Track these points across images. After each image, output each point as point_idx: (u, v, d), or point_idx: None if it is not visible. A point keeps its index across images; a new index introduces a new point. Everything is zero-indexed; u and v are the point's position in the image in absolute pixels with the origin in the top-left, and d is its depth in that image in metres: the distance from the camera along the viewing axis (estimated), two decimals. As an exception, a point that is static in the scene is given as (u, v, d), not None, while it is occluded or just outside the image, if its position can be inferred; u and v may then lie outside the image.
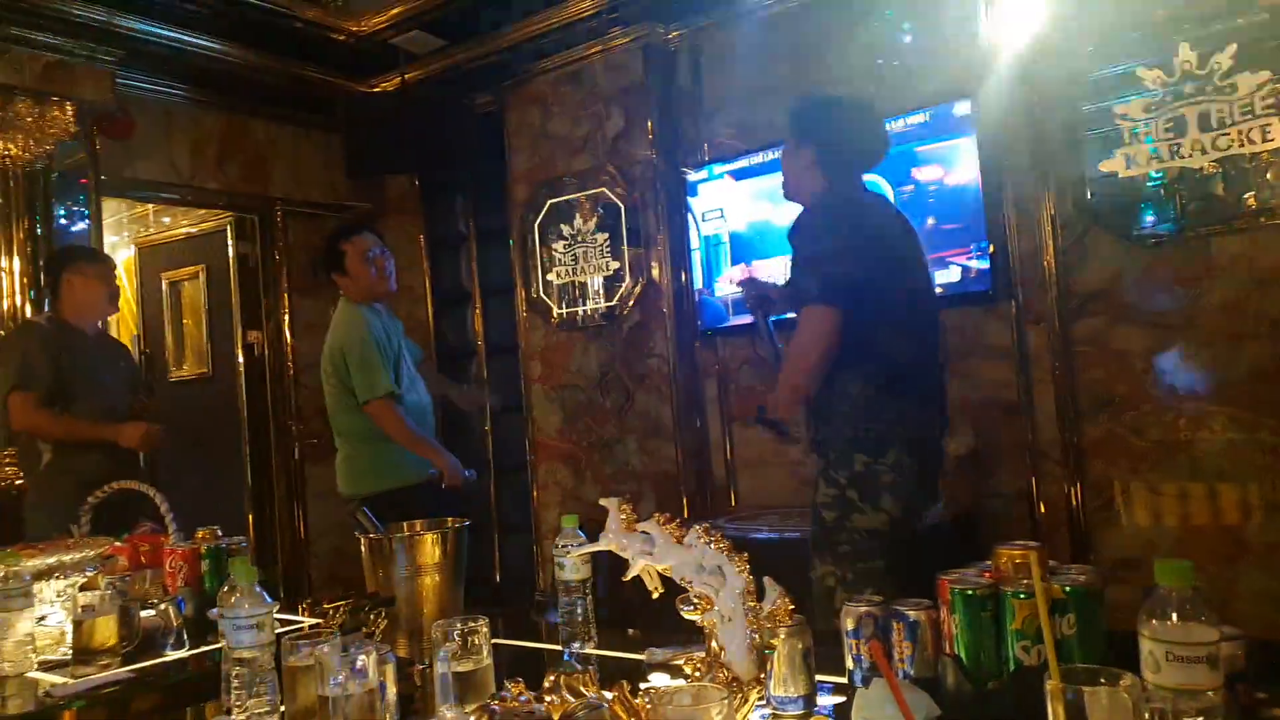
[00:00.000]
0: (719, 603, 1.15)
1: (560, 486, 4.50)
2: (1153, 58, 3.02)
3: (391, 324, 3.24)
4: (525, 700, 1.09)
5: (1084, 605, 1.05)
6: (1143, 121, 3.04)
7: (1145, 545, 3.04)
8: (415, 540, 1.60)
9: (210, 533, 1.88)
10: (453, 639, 1.22)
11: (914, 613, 1.20)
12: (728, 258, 4.00)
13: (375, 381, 3.00)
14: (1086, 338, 3.16)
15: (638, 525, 1.30)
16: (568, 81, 4.44)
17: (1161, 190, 3.02)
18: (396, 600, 1.52)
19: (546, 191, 4.51)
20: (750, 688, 1.10)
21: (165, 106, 4.38)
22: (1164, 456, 3.05)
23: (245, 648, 1.18)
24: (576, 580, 1.59)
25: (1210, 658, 0.80)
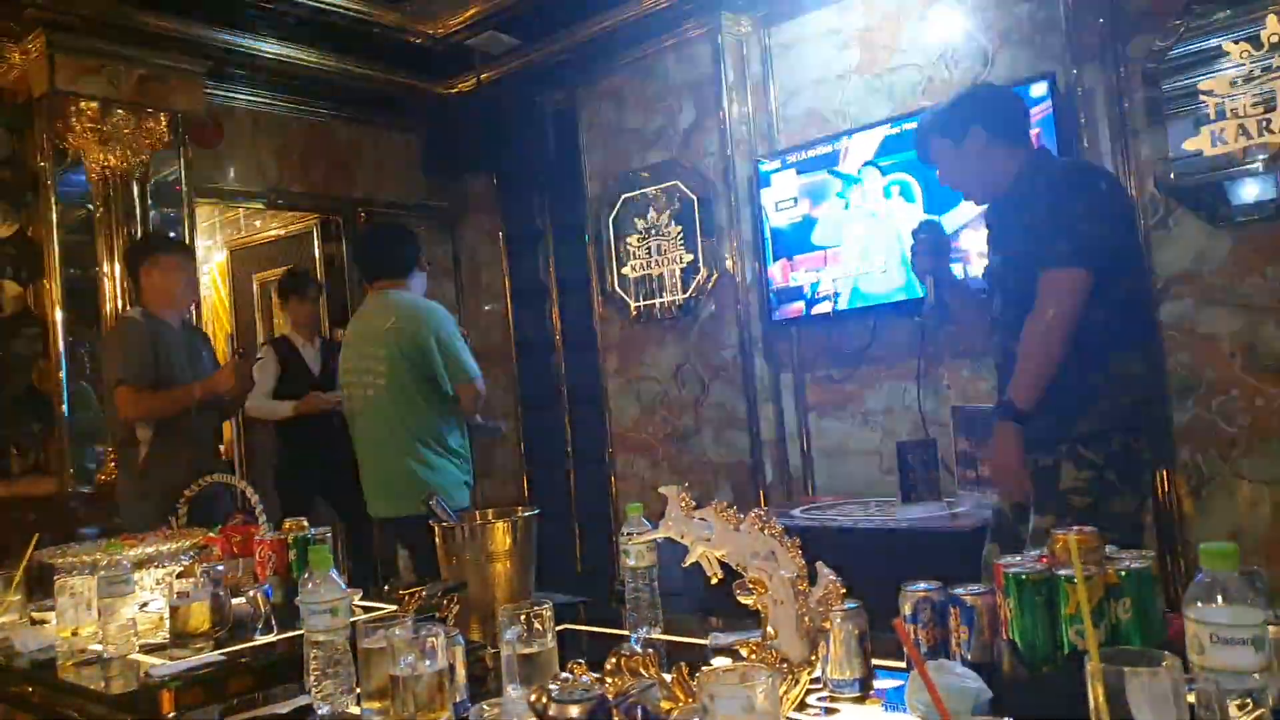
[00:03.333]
0: (771, 587, 1.17)
1: (638, 478, 4.55)
2: (1239, 31, 2.90)
3: None
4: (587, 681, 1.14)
5: (1139, 589, 1.04)
6: (1229, 97, 2.92)
7: (1234, 532, 2.93)
8: (486, 528, 1.66)
9: (298, 524, 1.98)
10: (518, 623, 1.27)
11: (970, 598, 1.20)
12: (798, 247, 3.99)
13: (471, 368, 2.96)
14: (1172, 321, 3.06)
15: (696, 513, 1.33)
16: (639, 75, 4.47)
17: (1250, 168, 2.90)
18: (468, 587, 1.58)
19: (620, 186, 4.56)
20: (800, 669, 1.12)
21: (252, 114, 4.59)
22: (1254, 442, 2.93)
23: (321, 631, 1.25)
24: (642, 567, 1.63)
25: (1256, 640, 0.79)
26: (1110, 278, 2.00)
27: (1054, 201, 2.04)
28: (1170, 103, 3.04)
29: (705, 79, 4.22)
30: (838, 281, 3.80)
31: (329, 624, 1.26)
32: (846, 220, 3.79)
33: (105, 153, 3.81)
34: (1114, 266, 2.01)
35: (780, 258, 4.01)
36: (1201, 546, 0.84)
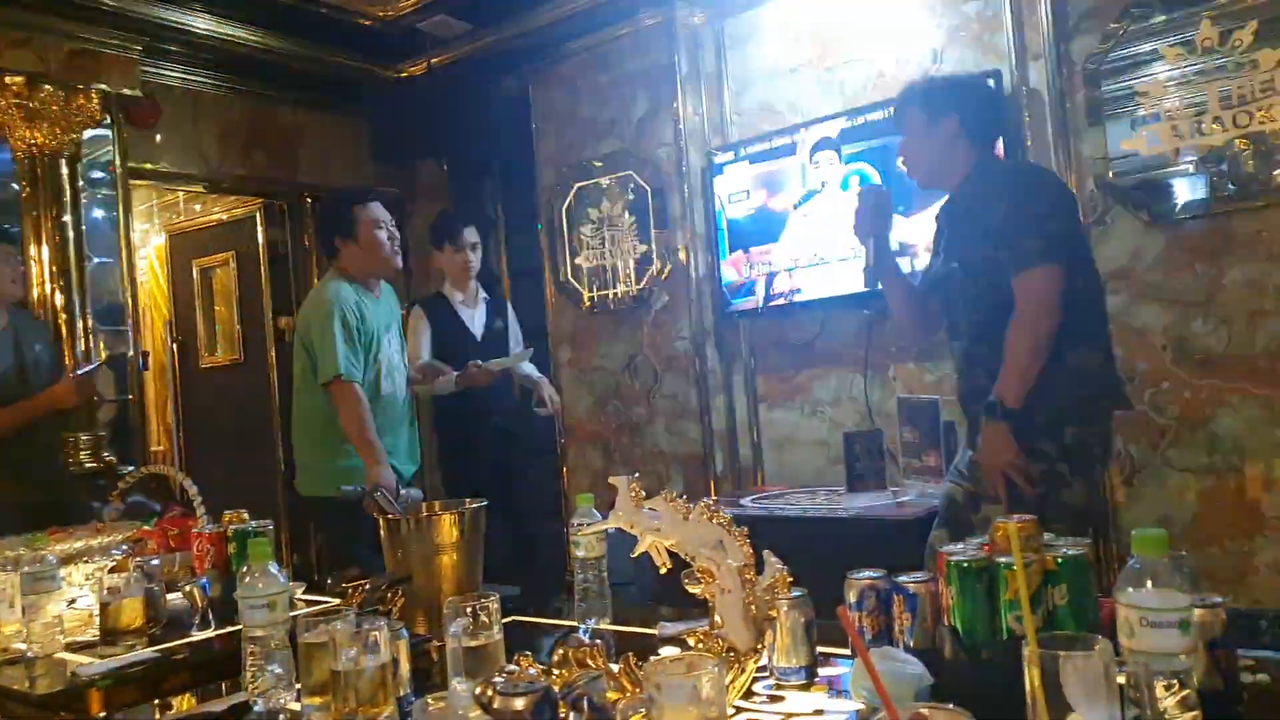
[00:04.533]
0: (719, 577, 1.18)
1: (590, 468, 4.55)
2: (1174, 35, 2.98)
3: (381, 306, 3.03)
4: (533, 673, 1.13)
5: (1075, 576, 1.07)
6: (1164, 99, 3.00)
7: (1165, 521, 3.03)
8: (433, 521, 1.64)
9: (237, 516, 1.93)
10: (464, 615, 1.26)
11: (914, 585, 1.22)
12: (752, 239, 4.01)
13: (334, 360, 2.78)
14: (1109, 315, 3.13)
15: (646, 503, 1.33)
16: (593, 64, 4.45)
17: (1182, 168, 2.99)
18: (414, 579, 1.56)
19: (574, 175, 4.54)
20: (747, 658, 1.13)
21: (192, 94, 4.46)
22: (1182, 433, 3.03)
23: (259, 626, 1.23)
24: (591, 557, 1.63)
25: (1183, 623, 0.81)
26: (1069, 275, 2.04)
27: (1016, 202, 2.06)
28: (1109, 103, 3.12)
29: (659, 69, 4.22)
30: (790, 274, 3.83)
31: (267, 618, 1.24)
32: (799, 213, 3.82)
33: (32, 130, 3.65)
34: (1071, 264, 2.06)
35: (734, 250, 4.02)
36: (1133, 533, 0.87)
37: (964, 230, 2.16)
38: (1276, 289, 2.88)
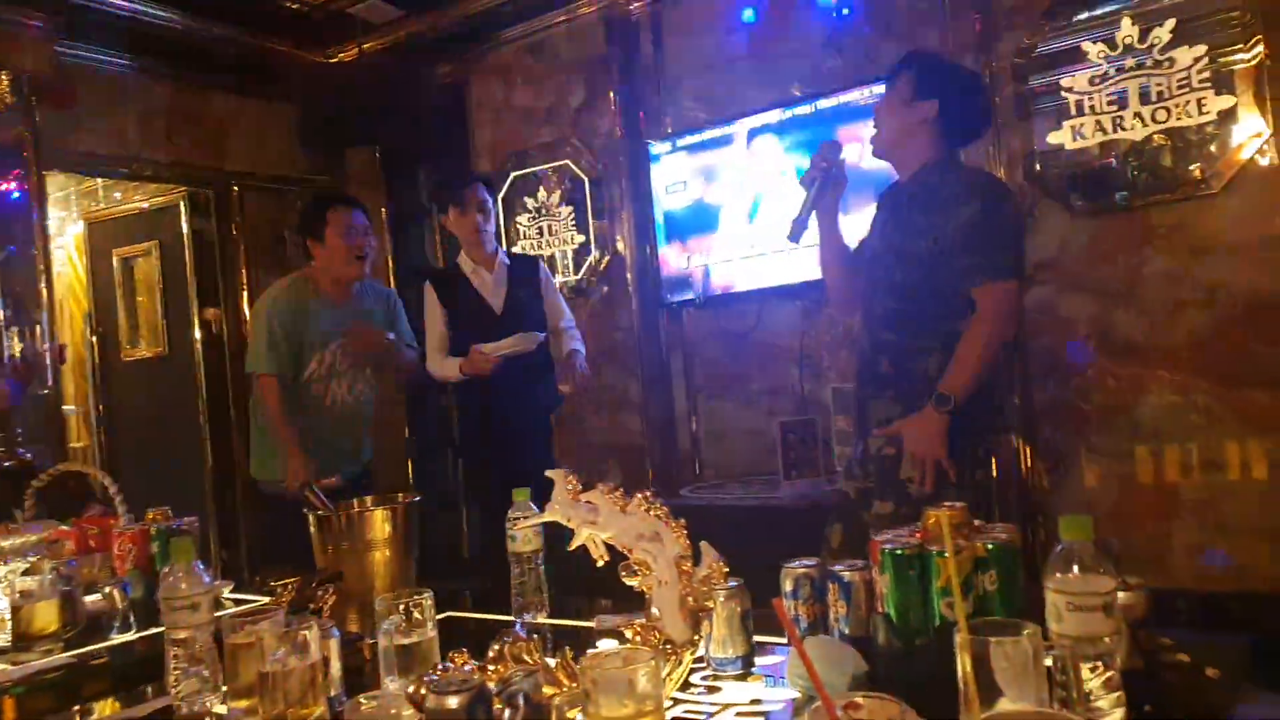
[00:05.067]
0: (656, 569, 1.17)
1: (525, 461, 4.51)
2: (1097, 32, 3.06)
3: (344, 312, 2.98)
4: (468, 670, 1.11)
5: (1004, 562, 1.09)
6: (1088, 95, 3.08)
7: (1090, 504, 3.12)
8: (365, 516, 1.61)
9: (161, 514, 1.87)
10: (397, 612, 1.24)
11: (848, 574, 1.23)
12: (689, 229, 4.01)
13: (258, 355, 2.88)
14: (1036, 306, 3.22)
15: (582, 495, 1.32)
16: (530, 53, 4.41)
17: (1105, 162, 3.08)
18: (345, 577, 1.53)
19: (510, 164, 4.50)
20: (684, 649, 1.12)
21: (111, 76, 4.28)
22: (1105, 420, 3.13)
23: (182, 627, 1.19)
24: (527, 551, 1.62)
25: (1107, 606, 0.83)
26: None
27: (987, 211, 2.07)
28: (1036, 98, 3.19)
29: (596, 59, 4.19)
30: (727, 264, 3.85)
31: (191, 620, 1.20)
32: (735, 203, 3.83)
33: (-65, 112, 3.49)
34: None
35: (672, 241, 4.03)
36: (1061, 519, 0.88)
37: (907, 219, 2.16)
38: (1194, 280, 2.98)
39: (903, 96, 2.18)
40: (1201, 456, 2.98)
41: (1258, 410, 2.91)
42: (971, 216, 2.05)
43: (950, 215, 2.07)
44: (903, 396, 2.12)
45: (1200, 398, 2.97)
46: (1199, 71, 2.91)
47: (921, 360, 2.11)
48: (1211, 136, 2.92)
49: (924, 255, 2.09)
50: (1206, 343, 2.96)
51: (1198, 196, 2.96)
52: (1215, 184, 2.92)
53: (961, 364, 2.04)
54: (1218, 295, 2.95)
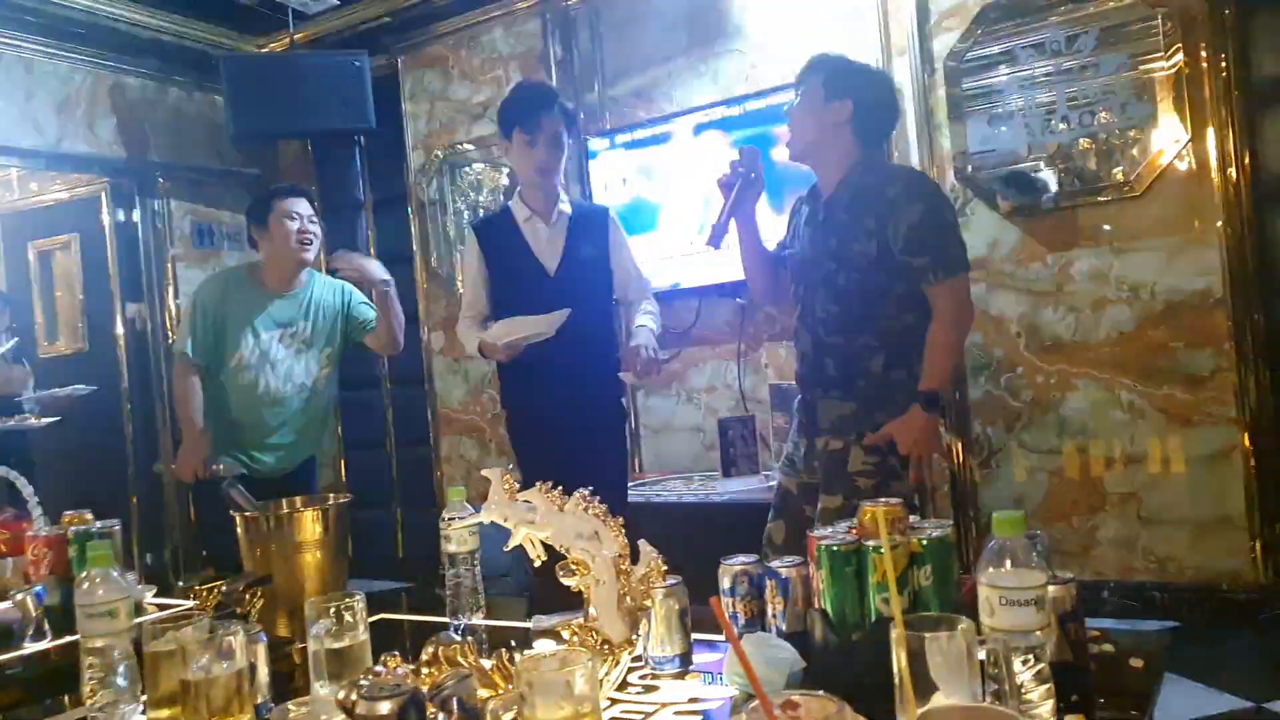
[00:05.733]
0: (594, 568, 1.16)
1: (464, 459, 4.47)
2: (1028, 37, 3.14)
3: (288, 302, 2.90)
4: (402, 674, 1.09)
5: (939, 557, 1.10)
6: (1017, 97, 3.16)
7: (1019, 499, 3.20)
8: (294, 517, 1.56)
9: (79, 517, 1.79)
10: (327, 616, 1.21)
11: (786, 570, 1.24)
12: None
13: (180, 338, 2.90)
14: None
15: (520, 495, 1.30)
16: (466, 45, 4.36)
17: (1034, 164, 3.16)
18: (273, 579, 1.49)
19: (446, 157, 4.44)
20: (621, 649, 1.12)
21: (25, 60, 4.11)
22: (1034, 416, 3.21)
23: (99, 635, 1.14)
24: (463, 552, 1.59)
25: (1038, 600, 0.85)
26: None
27: (930, 209, 2.11)
28: (968, 100, 3.26)
29: (534, 53, 4.16)
30: (667, 261, 3.84)
31: (108, 627, 1.15)
32: (674, 200, 3.84)
33: None
34: None
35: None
36: (994, 516, 0.89)
37: (846, 222, 2.17)
38: (1117, 279, 3.08)
39: (815, 100, 2.19)
40: (1124, 451, 3.08)
41: (1177, 406, 3.02)
42: (916, 217, 2.08)
43: (893, 216, 2.09)
44: (851, 395, 2.15)
45: (1124, 394, 3.07)
46: (1122, 77, 3.00)
47: (867, 359, 2.14)
48: (1133, 141, 3.01)
49: (867, 258, 2.12)
50: (1129, 340, 3.07)
51: (1120, 198, 3.05)
52: (1137, 186, 3.02)
53: (936, 361, 2.10)
54: (1140, 294, 3.05)
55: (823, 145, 2.21)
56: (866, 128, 2.20)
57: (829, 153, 2.21)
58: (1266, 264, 2.93)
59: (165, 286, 4.64)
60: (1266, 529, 2.93)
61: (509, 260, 2.59)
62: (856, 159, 2.19)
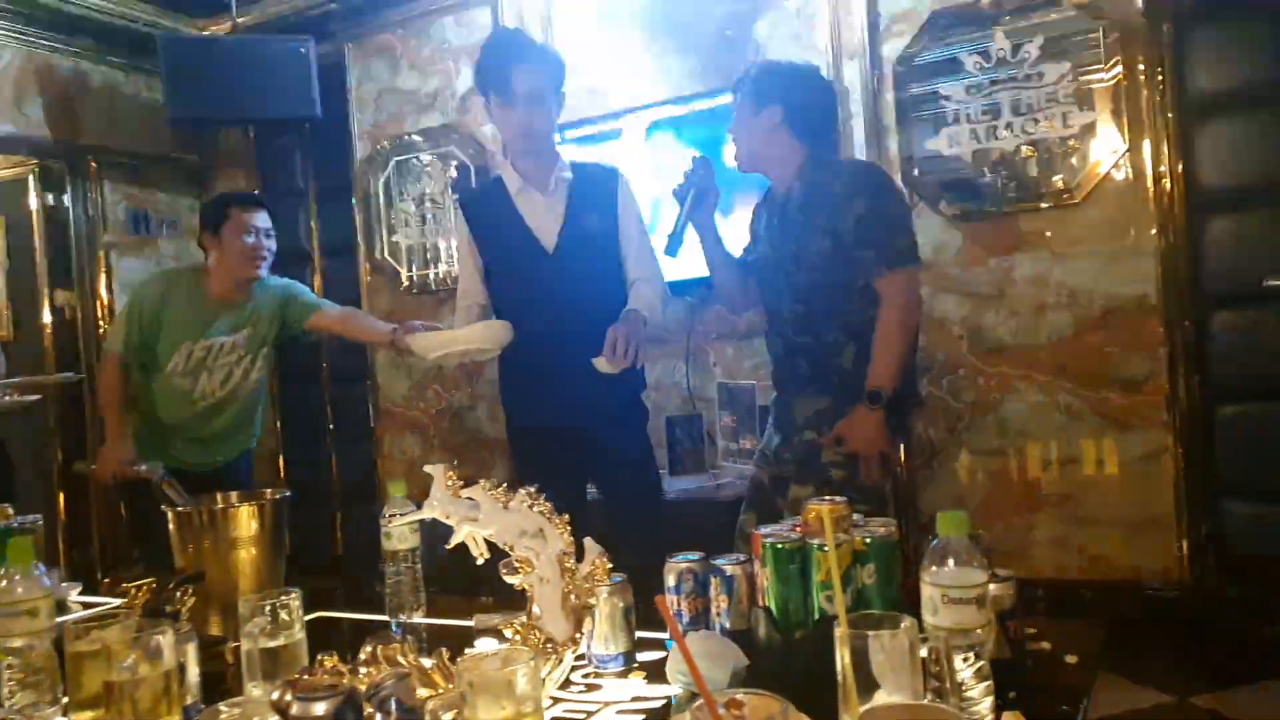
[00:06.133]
0: (539, 566, 1.15)
1: (406, 456, 4.40)
2: (974, 44, 3.20)
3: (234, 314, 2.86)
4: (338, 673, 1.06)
5: (882, 555, 1.11)
6: (964, 104, 3.21)
7: (959, 499, 3.26)
8: (228, 513, 1.52)
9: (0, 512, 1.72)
10: (262, 614, 1.17)
11: (730, 567, 1.24)
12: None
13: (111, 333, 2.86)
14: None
15: (463, 491, 1.28)
16: (414, 35, 4.29)
17: (978, 169, 3.21)
18: (206, 577, 1.44)
19: (393, 148, 4.37)
20: (565, 647, 1.10)
21: (-50, 39, 3.95)
22: (975, 417, 3.27)
23: (17, 635, 1.09)
24: (403, 549, 1.56)
25: (979, 599, 0.86)
26: None
27: (877, 203, 2.12)
28: (916, 105, 3.30)
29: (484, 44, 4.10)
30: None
31: (28, 626, 1.11)
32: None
33: None
34: None
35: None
36: (938, 515, 0.90)
37: (800, 221, 2.19)
38: (1058, 284, 3.15)
39: (747, 110, 2.23)
40: (1062, 453, 3.15)
41: (1112, 409, 3.09)
42: (863, 208, 2.10)
43: (842, 211, 2.11)
44: (825, 392, 2.18)
45: (1062, 397, 3.14)
46: (1064, 87, 3.07)
47: (836, 355, 2.17)
48: (1073, 150, 3.08)
49: (823, 255, 2.13)
50: (1067, 345, 3.14)
51: (1060, 206, 3.12)
52: (1077, 194, 3.09)
53: (881, 357, 2.09)
54: (1078, 299, 3.13)
55: (766, 153, 2.24)
56: (803, 127, 2.21)
57: (774, 158, 2.23)
58: (1198, 273, 3.02)
59: (97, 275, 4.49)
60: (1193, 530, 3.02)
61: (501, 238, 2.25)
62: (803, 158, 2.21)
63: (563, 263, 2.23)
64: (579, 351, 2.11)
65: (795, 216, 2.20)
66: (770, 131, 2.20)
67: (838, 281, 2.13)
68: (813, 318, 2.18)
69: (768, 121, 2.19)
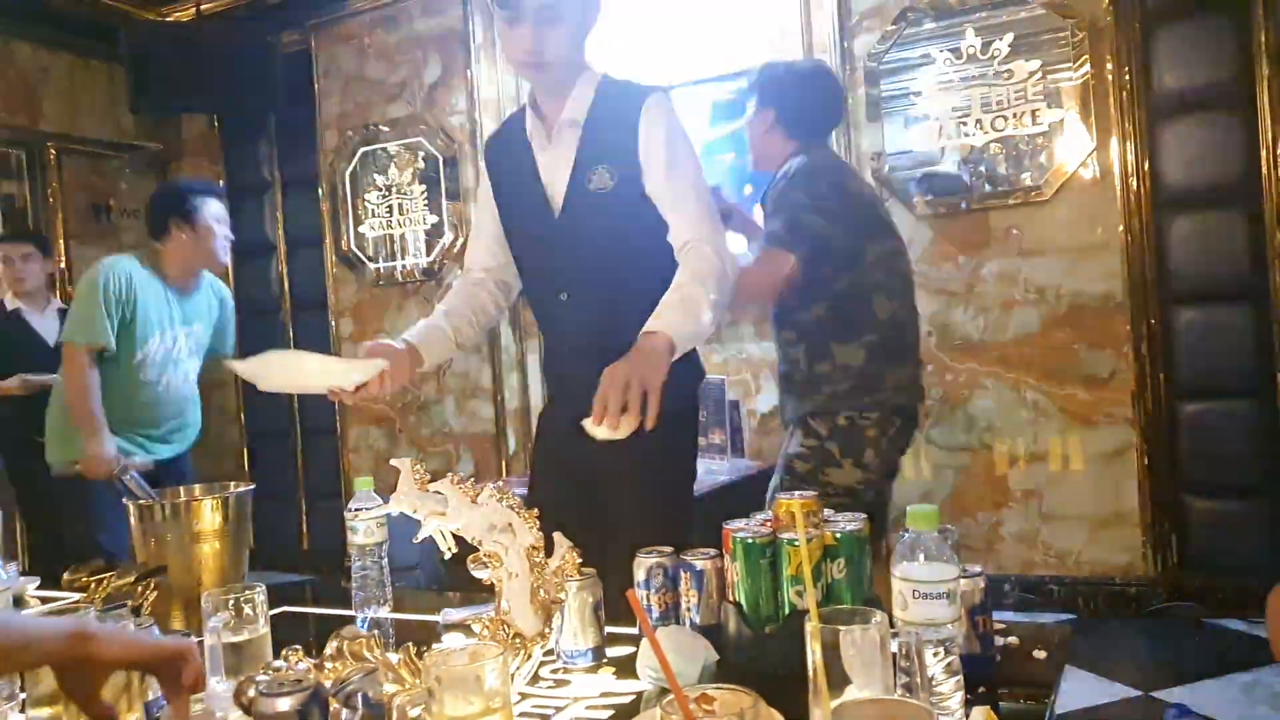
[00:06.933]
0: (507, 561, 1.13)
1: (372, 450, 4.37)
2: (944, 41, 3.21)
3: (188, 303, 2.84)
4: (304, 668, 1.04)
5: (852, 550, 1.11)
6: (934, 100, 3.23)
7: (927, 494, 3.28)
8: (191, 506, 1.49)
9: (-47, 503, 1.68)
10: (225, 608, 1.15)
11: (700, 562, 1.23)
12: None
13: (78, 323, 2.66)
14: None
15: (431, 485, 1.26)
16: (383, 24, 4.24)
17: (946, 166, 3.23)
18: (169, 571, 1.42)
19: (359, 139, 4.32)
20: (533, 643, 1.09)
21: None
22: (944, 412, 3.30)
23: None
24: (370, 544, 1.54)
25: (950, 593, 0.86)
26: (828, 274, 2.13)
27: (782, 191, 2.16)
28: (886, 101, 3.31)
29: (453, 34, 4.07)
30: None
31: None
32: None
33: None
34: (831, 263, 2.14)
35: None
36: (908, 510, 0.90)
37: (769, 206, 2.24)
38: (1026, 281, 3.18)
39: (750, 111, 2.32)
40: (1028, 449, 3.19)
41: (1078, 406, 3.13)
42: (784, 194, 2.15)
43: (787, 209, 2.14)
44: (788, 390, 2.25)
45: (1029, 393, 3.18)
46: (1033, 85, 3.10)
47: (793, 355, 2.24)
48: (1042, 147, 3.11)
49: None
50: (1034, 341, 3.17)
51: (1029, 203, 3.15)
52: (1046, 191, 3.12)
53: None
54: (1045, 296, 3.16)
55: (766, 152, 2.30)
56: (794, 125, 2.25)
57: (771, 157, 2.29)
58: (1163, 271, 3.07)
59: (55, 263, 4.39)
60: (1156, 525, 3.07)
61: (515, 192, 1.78)
62: (788, 156, 2.24)
63: (564, 231, 1.68)
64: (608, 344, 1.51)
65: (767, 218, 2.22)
66: (766, 131, 2.26)
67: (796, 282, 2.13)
68: (778, 317, 2.26)
69: (763, 122, 2.26)
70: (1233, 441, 2.99)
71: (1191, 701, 2.50)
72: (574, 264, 1.68)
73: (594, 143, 1.66)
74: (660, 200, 1.63)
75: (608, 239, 1.66)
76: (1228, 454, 2.99)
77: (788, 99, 2.26)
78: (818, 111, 2.33)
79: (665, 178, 1.62)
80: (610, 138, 1.65)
